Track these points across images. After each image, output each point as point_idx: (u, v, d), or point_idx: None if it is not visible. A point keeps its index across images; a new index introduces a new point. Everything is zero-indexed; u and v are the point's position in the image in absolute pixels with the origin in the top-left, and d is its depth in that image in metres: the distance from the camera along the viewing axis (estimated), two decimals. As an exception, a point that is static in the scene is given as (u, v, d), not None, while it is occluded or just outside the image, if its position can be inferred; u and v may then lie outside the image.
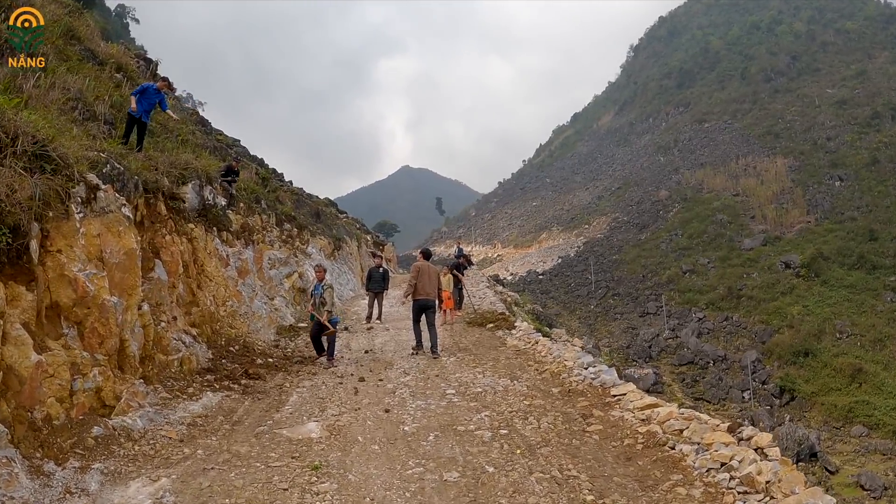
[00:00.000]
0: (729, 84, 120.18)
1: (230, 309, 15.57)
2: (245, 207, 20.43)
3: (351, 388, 11.07)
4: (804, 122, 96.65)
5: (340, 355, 14.50)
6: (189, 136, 20.74)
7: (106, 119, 14.66)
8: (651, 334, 61.27)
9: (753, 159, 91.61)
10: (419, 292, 14.69)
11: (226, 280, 15.87)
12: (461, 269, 21.79)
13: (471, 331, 17.80)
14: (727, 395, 51.39)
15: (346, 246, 31.33)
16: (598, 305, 71.13)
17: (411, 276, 15.15)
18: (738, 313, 61.29)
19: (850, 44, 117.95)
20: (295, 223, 24.67)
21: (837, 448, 41.95)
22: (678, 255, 75.03)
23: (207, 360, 12.41)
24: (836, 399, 46.56)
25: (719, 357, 56.04)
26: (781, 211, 77.51)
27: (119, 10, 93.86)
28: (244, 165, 24.40)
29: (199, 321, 13.81)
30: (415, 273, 14.91)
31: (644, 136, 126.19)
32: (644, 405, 8.55)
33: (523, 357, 13.37)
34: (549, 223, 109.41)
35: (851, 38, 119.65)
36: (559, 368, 11.43)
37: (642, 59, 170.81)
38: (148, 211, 12.43)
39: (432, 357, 14.03)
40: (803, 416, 46.89)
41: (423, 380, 11.62)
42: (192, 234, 14.81)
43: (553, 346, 13.40)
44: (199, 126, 29.06)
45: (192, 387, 10.56)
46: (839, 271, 63.06)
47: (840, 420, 44.93)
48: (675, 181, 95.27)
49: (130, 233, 9.66)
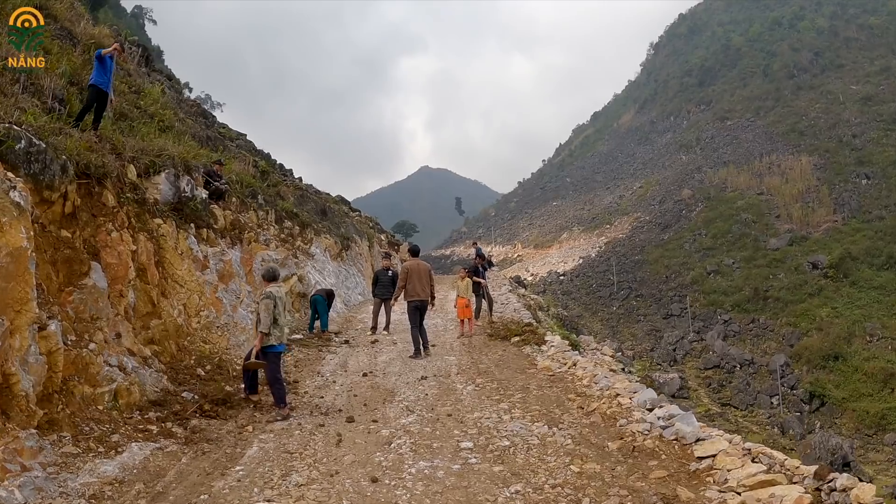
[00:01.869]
0: (751, 81, 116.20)
1: (205, 320, 12.75)
2: (238, 203, 17.74)
3: (333, 435, 8.14)
4: (829, 119, 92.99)
5: (333, 379, 11.60)
6: (175, 123, 17.90)
7: (55, 94, 11.99)
8: (675, 337, 59.00)
9: (777, 157, 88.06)
10: (410, 293, 14.16)
11: (202, 286, 13.02)
12: (480, 272, 18.73)
13: (493, 346, 14.69)
14: (755, 401, 48.84)
15: (355, 246, 28.38)
16: (621, 307, 68.63)
17: (400, 277, 14.54)
18: (764, 315, 58.64)
19: (874, 39, 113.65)
20: (297, 220, 21.91)
21: (870, 457, 39.43)
22: (702, 255, 72.15)
23: (158, 390, 9.55)
24: (867, 405, 44.16)
25: (746, 361, 53.58)
26: (807, 210, 74.16)
27: (136, 11, 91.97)
28: (237, 156, 21.59)
29: (159, 337, 11.03)
30: (404, 275, 14.31)
31: (665, 134, 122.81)
32: (753, 482, 5.55)
33: (560, 386, 10.37)
34: (570, 223, 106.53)
35: (875, 33, 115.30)
36: (612, 408, 8.45)
37: (663, 56, 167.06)
38: (85, 201, 9.63)
39: (424, 356, 13.33)
40: (834, 422, 44.43)
41: (431, 421, 8.68)
42: (160, 230, 12.05)
43: (597, 372, 10.38)
44: (200, 118, 26.62)
45: (120, 432, 7.72)
46: (868, 272, 60.05)
47: (872, 427, 42.52)
48: (697, 180, 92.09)
49: (19, 226, 6.85)
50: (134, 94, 17.45)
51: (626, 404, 8.41)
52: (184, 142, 15.65)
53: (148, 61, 25.65)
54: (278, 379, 9.49)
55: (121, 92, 16.14)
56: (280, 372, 9.61)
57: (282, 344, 9.77)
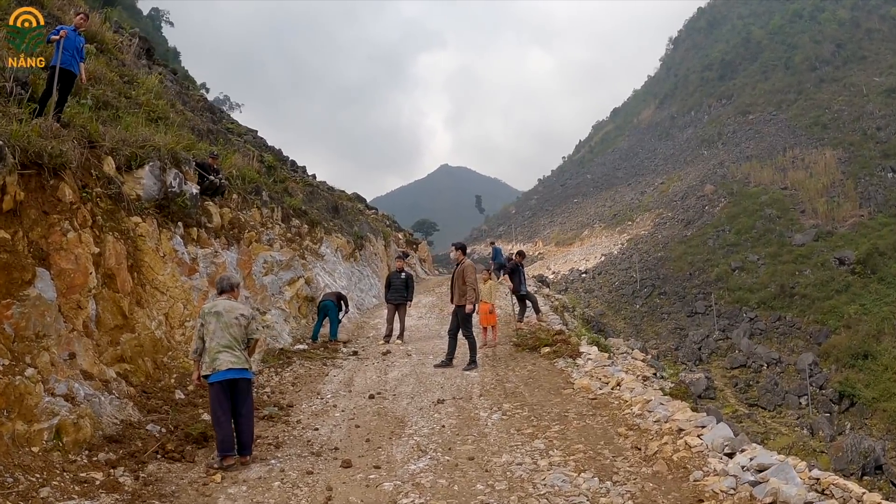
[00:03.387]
0: (772, 74, 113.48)
1: (191, 332, 10.96)
2: (239, 199, 16.02)
3: (322, 490, 6.25)
4: (852, 111, 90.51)
5: (334, 402, 9.77)
6: (169, 114, 16.12)
7: (17, 77, 10.35)
8: (700, 335, 57.04)
9: (801, 151, 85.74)
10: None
11: (188, 292, 11.29)
12: (519, 271, 16.60)
13: (520, 359, 12.71)
14: (783, 401, 47.06)
15: (369, 245, 26.48)
16: (644, 305, 66.58)
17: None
18: (791, 313, 56.71)
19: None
20: (306, 219, 20.16)
21: (902, 459, 37.52)
22: (726, 251, 69.95)
23: (118, 422, 7.78)
24: (899, 405, 42.44)
25: (773, 360, 51.85)
26: (833, 204, 71.86)
27: (153, 14, 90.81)
28: (241, 151, 19.84)
29: (131, 353, 9.33)
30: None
31: (686, 129, 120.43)
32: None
33: (605, 413, 8.45)
34: (592, 220, 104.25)
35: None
36: (679, 452, 6.50)
37: (682, 51, 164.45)
38: (34, 196, 7.93)
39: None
40: (864, 423, 42.66)
41: (448, 468, 6.75)
42: (137, 230, 10.36)
43: (650, 397, 8.41)
44: (207, 113, 25.00)
45: (53, 484, 5.94)
46: (896, 267, 57.87)
47: (904, 428, 40.68)
48: (720, 175, 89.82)
49: None
50: (126, 83, 15.74)
51: (695, 446, 6.47)
52: (174, 132, 13.81)
53: (150, 54, 24.17)
54: (217, 418, 7.32)
55: (109, 81, 14.51)
56: (221, 408, 7.30)
57: (220, 372, 7.32)
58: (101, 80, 14.08)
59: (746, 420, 44.24)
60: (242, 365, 7.39)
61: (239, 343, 7.42)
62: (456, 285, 12.52)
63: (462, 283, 12.33)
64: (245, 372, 7.47)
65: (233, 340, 7.38)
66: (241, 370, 7.39)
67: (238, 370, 7.35)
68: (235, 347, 7.40)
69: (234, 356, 7.33)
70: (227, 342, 7.36)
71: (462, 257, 12.83)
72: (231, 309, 7.59)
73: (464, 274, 12.39)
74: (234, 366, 7.29)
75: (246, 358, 7.51)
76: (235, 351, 7.39)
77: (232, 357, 7.32)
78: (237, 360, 7.34)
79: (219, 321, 7.42)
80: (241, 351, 7.43)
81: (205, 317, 7.52)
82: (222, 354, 7.30)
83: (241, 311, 7.66)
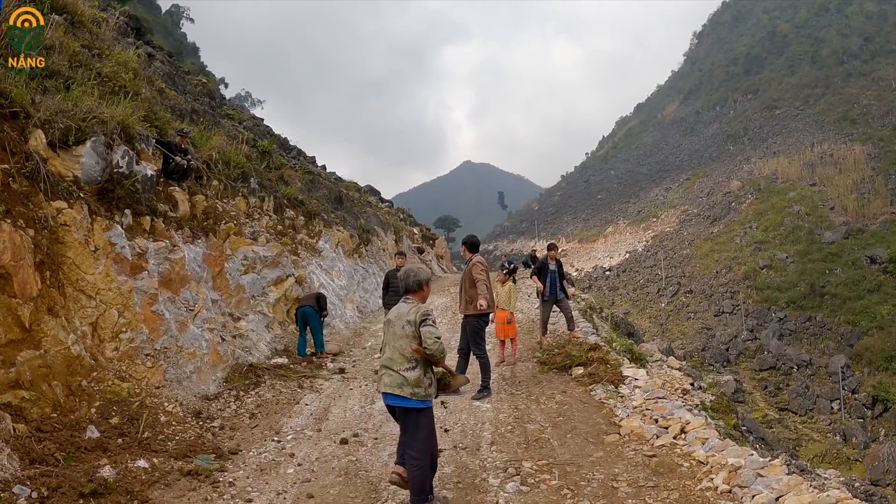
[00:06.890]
0: (799, 69, 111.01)
1: (128, 346, 8.53)
2: (220, 186, 13.59)
3: None
4: (881, 106, 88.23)
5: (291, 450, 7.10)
6: (142, 90, 13.46)
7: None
8: (728, 336, 55.28)
9: (829, 147, 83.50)
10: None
11: (126, 295, 8.72)
12: (558, 273, 13.22)
13: (545, 382, 9.94)
14: (814, 406, 45.69)
15: (377, 240, 23.80)
16: (670, 303, 64.91)
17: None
18: (821, 313, 54.75)
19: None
20: (302, 209, 17.77)
21: (939, 470, 36.37)
22: (754, 249, 67.76)
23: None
24: (934, 412, 40.89)
25: (804, 362, 50.05)
26: (863, 201, 69.57)
27: (173, 10, 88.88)
28: (230, 133, 17.32)
29: (33, 377, 6.94)
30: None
31: (712, 124, 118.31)
32: None
33: (674, 486, 5.55)
34: (615, 217, 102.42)
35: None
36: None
37: (706, 45, 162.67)
38: None
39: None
40: None
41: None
42: (60, 218, 7.91)
43: (739, 462, 5.55)
44: (205, 98, 22.71)
45: None
46: (930, 266, 55.95)
47: (939, 435, 39.85)
48: (746, 171, 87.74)
49: None
50: (94, 56, 13.14)
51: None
52: (129, 104, 11.08)
53: (139, 33, 22.07)
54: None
55: (69, 50, 11.85)
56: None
57: (383, 395, 5.65)
58: (58, 49, 11.53)
59: (777, 426, 42.88)
60: (399, 391, 5.43)
61: (406, 360, 5.42)
62: (463, 289, 9.80)
63: (470, 286, 9.62)
64: (404, 400, 5.46)
65: (398, 356, 5.47)
66: (397, 397, 5.47)
67: (395, 397, 5.47)
68: (396, 366, 5.46)
69: (390, 376, 5.47)
70: (389, 358, 5.55)
71: (470, 255, 9.99)
72: (401, 315, 5.62)
73: (471, 272, 9.66)
74: (390, 390, 5.44)
75: (406, 380, 5.43)
76: (394, 370, 5.46)
77: (388, 378, 5.49)
78: (392, 381, 5.45)
79: (389, 331, 5.69)
80: (406, 370, 5.44)
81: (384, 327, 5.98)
82: (385, 375, 5.55)
83: (408, 318, 5.53)
